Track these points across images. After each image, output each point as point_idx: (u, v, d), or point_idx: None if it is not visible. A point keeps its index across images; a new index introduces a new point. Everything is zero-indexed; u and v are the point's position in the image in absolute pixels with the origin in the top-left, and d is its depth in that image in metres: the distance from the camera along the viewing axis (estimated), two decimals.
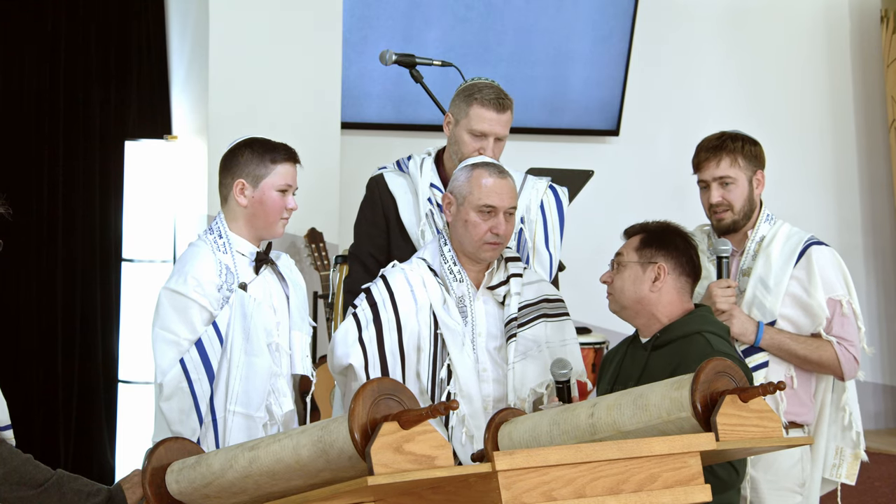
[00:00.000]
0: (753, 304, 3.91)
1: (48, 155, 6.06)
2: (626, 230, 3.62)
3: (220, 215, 3.61)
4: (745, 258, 3.96)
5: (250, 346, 3.51)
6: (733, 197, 3.91)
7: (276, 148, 3.59)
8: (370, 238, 4.10)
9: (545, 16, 6.84)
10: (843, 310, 3.91)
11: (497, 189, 3.66)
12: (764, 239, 3.95)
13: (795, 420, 3.93)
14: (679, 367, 3.33)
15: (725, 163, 3.91)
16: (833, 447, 4.05)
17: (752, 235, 3.95)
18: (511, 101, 3.99)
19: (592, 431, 2.75)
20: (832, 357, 3.90)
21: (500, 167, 3.73)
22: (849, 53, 7.67)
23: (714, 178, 3.91)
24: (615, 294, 3.55)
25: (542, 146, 6.76)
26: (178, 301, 3.48)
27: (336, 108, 6.10)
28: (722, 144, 3.93)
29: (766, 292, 3.90)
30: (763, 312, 3.90)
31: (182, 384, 3.45)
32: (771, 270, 3.90)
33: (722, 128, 4.05)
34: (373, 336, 3.65)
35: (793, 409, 3.92)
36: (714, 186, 3.92)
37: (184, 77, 6.14)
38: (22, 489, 2.95)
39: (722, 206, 3.92)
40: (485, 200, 3.65)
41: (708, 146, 3.96)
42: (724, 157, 3.91)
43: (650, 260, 3.50)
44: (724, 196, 3.91)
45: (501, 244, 3.70)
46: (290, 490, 2.58)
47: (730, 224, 3.93)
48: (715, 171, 3.91)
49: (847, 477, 4.05)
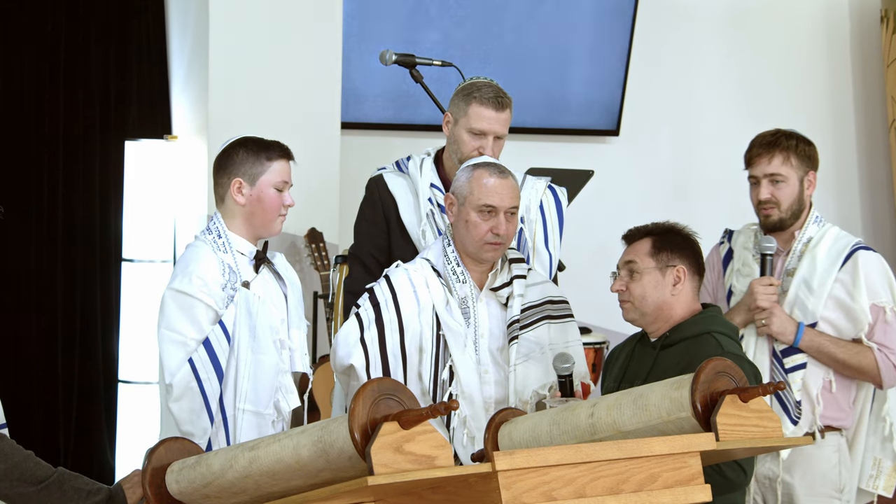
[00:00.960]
0: (795, 304, 3.88)
1: (48, 155, 6.06)
2: (627, 235, 3.59)
3: (218, 215, 3.62)
4: (791, 258, 3.92)
5: (257, 344, 3.52)
6: (782, 195, 3.90)
7: (270, 146, 3.60)
8: (370, 238, 4.10)
9: (545, 16, 6.84)
10: (887, 316, 3.87)
11: (498, 189, 3.66)
12: (811, 240, 3.92)
13: (832, 424, 3.89)
14: (688, 367, 3.32)
15: (777, 160, 3.90)
16: (871, 458, 4.00)
17: (800, 236, 3.92)
18: (510, 99, 3.99)
19: (592, 431, 2.75)
20: (871, 363, 3.85)
21: (502, 167, 3.73)
22: (849, 53, 7.66)
23: (765, 174, 3.90)
24: (635, 302, 3.51)
25: (542, 146, 6.76)
26: (184, 301, 3.49)
27: (336, 108, 6.10)
28: (776, 141, 3.92)
29: (809, 293, 3.87)
30: (805, 313, 3.86)
31: (192, 384, 3.45)
32: (815, 272, 3.87)
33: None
34: (375, 336, 3.65)
35: (830, 413, 3.88)
36: (764, 183, 3.91)
37: (184, 77, 6.14)
38: (22, 486, 2.95)
39: (770, 203, 3.90)
40: (485, 200, 3.65)
41: (762, 142, 3.94)
42: (777, 154, 3.90)
43: (668, 264, 3.48)
44: (773, 193, 3.90)
45: (503, 244, 3.69)
46: (290, 490, 2.58)
47: (776, 222, 3.91)
48: (766, 168, 3.90)
49: (885, 489, 4.00)
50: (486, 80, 4.04)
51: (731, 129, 7.34)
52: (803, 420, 3.86)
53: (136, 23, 6.20)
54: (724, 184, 7.23)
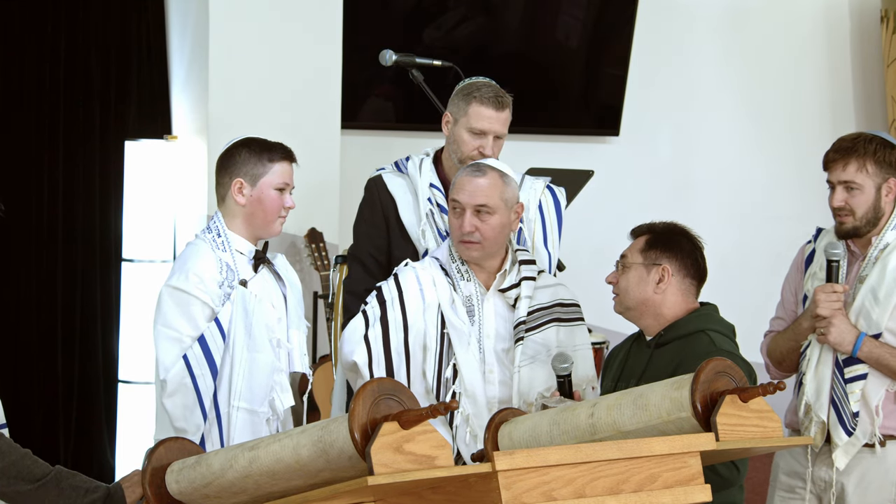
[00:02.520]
0: (861, 313, 3.76)
1: (48, 155, 6.06)
2: (633, 230, 3.62)
3: (218, 214, 3.63)
4: (866, 265, 3.80)
5: (252, 343, 3.52)
6: (856, 203, 3.77)
7: (273, 147, 3.61)
8: (370, 239, 4.11)
9: (545, 15, 6.84)
10: None
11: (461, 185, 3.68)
12: (888, 247, 3.79)
13: (894, 434, 3.79)
14: (681, 365, 3.34)
15: (852, 167, 3.76)
16: None
17: (877, 242, 3.79)
18: (509, 99, 3.99)
19: (592, 431, 2.75)
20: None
21: (480, 165, 3.73)
22: (849, 53, 7.66)
23: (840, 181, 3.78)
24: (620, 295, 3.56)
25: (542, 146, 6.76)
26: (181, 298, 3.49)
27: (336, 108, 6.10)
28: (853, 147, 3.77)
29: (874, 303, 3.75)
30: (869, 323, 3.75)
31: (185, 380, 3.46)
32: (884, 281, 3.74)
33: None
34: (379, 334, 3.66)
35: (891, 423, 3.78)
36: (839, 189, 3.79)
37: (184, 77, 6.14)
38: (19, 483, 2.95)
39: (844, 210, 3.78)
40: (452, 195, 3.68)
41: (839, 147, 3.80)
42: (853, 161, 3.76)
43: (654, 262, 3.50)
44: (847, 201, 3.77)
45: (478, 243, 3.67)
46: (290, 490, 2.58)
47: (850, 229, 3.79)
48: (841, 175, 3.77)
49: None
50: (485, 80, 4.04)
51: (731, 129, 7.35)
52: (860, 430, 3.76)
53: (136, 23, 6.20)
54: (723, 184, 7.26)
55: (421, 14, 6.61)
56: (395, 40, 5.32)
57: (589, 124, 7.10)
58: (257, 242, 3.65)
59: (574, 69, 6.98)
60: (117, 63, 6.18)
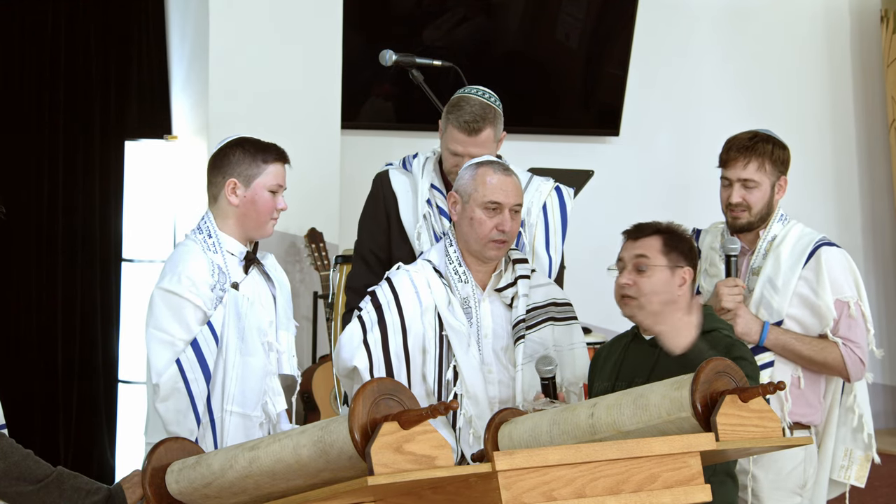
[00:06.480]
0: (761, 303, 3.88)
1: (48, 155, 6.07)
2: (632, 230, 3.55)
3: (209, 214, 3.58)
4: (756, 257, 3.92)
5: (245, 346, 3.50)
6: (753, 199, 3.88)
7: (267, 148, 3.57)
8: (371, 235, 4.09)
9: (545, 15, 6.84)
10: (851, 311, 3.88)
11: (502, 186, 3.65)
12: (776, 238, 3.92)
13: (801, 421, 3.90)
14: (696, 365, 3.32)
15: (753, 166, 3.87)
16: (842, 449, 4.01)
17: (764, 235, 3.92)
18: (490, 119, 3.88)
19: (592, 431, 2.75)
20: (837, 358, 3.86)
21: (505, 165, 3.72)
22: (849, 53, 7.67)
23: (739, 178, 3.87)
24: (641, 298, 3.45)
25: (542, 146, 6.76)
26: (173, 301, 3.47)
27: (336, 108, 6.10)
28: (753, 147, 3.88)
29: (773, 292, 3.87)
30: (770, 312, 3.87)
31: (178, 384, 3.43)
32: (780, 270, 3.87)
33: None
34: (378, 338, 3.64)
35: (799, 409, 3.89)
36: (736, 186, 3.88)
37: (184, 77, 6.14)
38: (21, 484, 2.95)
39: (741, 206, 3.88)
40: (490, 197, 3.64)
41: (738, 145, 3.90)
42: (753, 160, 3.87)
43: (677, 264, 3.46)
44: (745, 197, 3.87)
45: (507, 242, 3.68)
46: (290, 490, 2.58)
47: (745, 224, 3.90)
48: (741, 173, 3.87)
49: (857, 479, 4.00)
50: (476, 95, 3.94)
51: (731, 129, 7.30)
52: None
53: (136, 23, 6.20)
54: None
55: (421, 14, 6.61)
56: (395, 40, 5.32)
57: (589, 124, 7.10)
58: (248, 243, 3.62)
59: (574, 69, 6.98)
60: (117, 63, 6.18)
